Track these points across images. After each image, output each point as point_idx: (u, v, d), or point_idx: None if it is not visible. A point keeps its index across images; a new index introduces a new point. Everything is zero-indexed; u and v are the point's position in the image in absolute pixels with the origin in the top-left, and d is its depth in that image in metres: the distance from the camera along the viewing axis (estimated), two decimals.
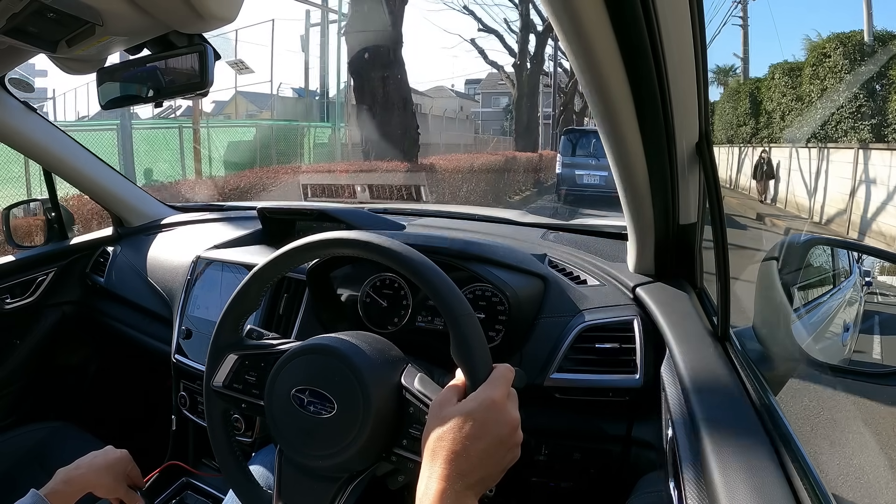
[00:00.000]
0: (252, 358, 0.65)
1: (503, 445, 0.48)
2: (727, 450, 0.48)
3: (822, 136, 7.85)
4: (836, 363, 0.88)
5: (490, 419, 0.48)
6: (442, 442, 0.47)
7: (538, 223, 1.25)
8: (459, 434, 0.46)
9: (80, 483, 0.73)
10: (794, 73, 8.65)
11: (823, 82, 7.81)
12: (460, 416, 0.47)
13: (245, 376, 0.64)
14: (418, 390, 0.56)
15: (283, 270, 0.65)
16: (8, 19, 0.58)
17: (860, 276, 1.27)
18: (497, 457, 0.47)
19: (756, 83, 10.63)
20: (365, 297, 0.93)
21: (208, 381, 0.66)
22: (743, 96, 10.98)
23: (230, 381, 0.65)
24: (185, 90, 0.64)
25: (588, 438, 0.83)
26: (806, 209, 8.28)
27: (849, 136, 7.23)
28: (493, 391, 0.49)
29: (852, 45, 7.36)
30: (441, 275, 0.56)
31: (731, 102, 11.60)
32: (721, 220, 0.65)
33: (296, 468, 0.59)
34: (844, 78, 7.32)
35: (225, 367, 0.65)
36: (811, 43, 8.18)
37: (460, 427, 0.47)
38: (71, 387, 1.48)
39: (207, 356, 0.66)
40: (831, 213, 7.61)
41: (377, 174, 5.27)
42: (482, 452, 0.46)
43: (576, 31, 0.51)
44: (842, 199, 7.24)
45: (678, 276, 0.85)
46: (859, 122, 7.05)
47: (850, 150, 7.14)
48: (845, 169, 7.23)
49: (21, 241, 1.40)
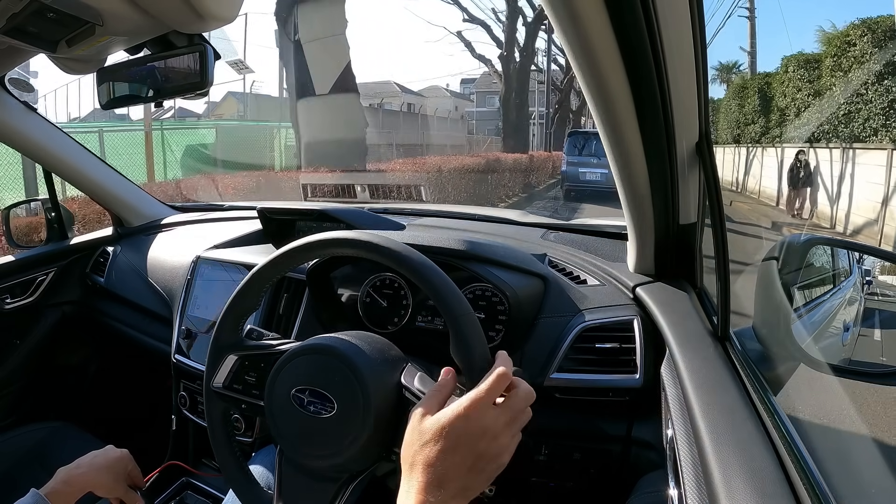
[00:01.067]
0: (252, 358, 0.65)
1: (482, 458, 0.47)
2: (727, 450, 0.47)
3: (846, 135, 6.83)
4: (837, 363, 0.88)
5: (465, 432, 0.47)
6: (419, 455, 0.46)
7: (538, 223, 1.25)
8: (434, 448, 0.46)
9: (80, 483, 0.73)
10: (812, 66, 7.56)
11: (847, 74, 6.85)
12: (436, 429, 0.47)
13: (245, 377, 0.64)
14: (418, 389, 0.56)
15: (283, 271, 0.65)
16: (8, 19, 0.58)
17: (860, 275, 1.27)
18: (477, 468, 0.47)
19: (766, 78, 9.48)
20: (365, 297, 0.93)
21: (208, 381, 0.66)
22: (751, 93, 9.85)
23: (230, 381, 0.65)
24: (185, 90, 0.64)
25: (588, 438, 0.83)
26: (827, 217, 7.00)
27: (879, 136, 6.27)
28: (471, 402, 0.48)
29: (882, 32, 6.33)
30: (440, 274, 0.56)
31: (737, 100, 10.50)
32: (721, 220, 0.65)
33: (296, 468, 0.59)
34: (873, 69, 6.33)
35: (225, 367, 0.65)
36: (827, 35, 7.07)
37: (435, 441, 0.46)
38: (71, 387, 1.48)
39: (207, 357, 0.66)
40: (859, 223, 6.42)
41: (332, 175, 5.02)
42: (459, 465, 0.46)
43: (576, 31, 0.51)
44: (872, 208, 6.14)
45: (678, 276, 0.85)
46: (893, 118, 6.06)
47: (881, 152, 6.13)
48: (876, 173, 6.17)
49: (21, 241, 1.40)
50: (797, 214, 7.44)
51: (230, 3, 0.58)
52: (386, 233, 0.76)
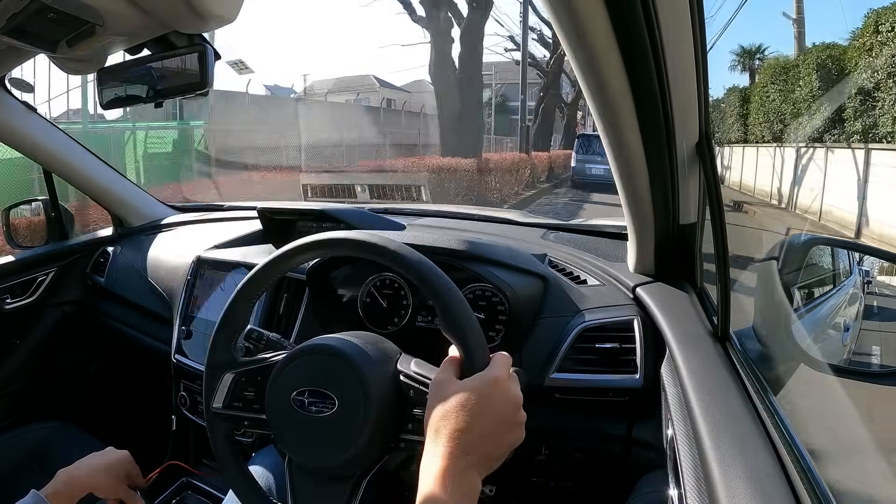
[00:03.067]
0: (248, 374, 0.64)
1: (506, 423, 0.48)
2: (727, 450, 0.48)
3: None
4: (837, 363, 0.88)
5: (494, 395, 0.48)
6: (445, 420, 0.46)
7: (538, 223, 1.25)
8: (463, 411, 0.46)
9: (80, 484, 0.73)
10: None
11: None
12: (464, 393, 0.47)
13: (244, 393, 0.64)
14: (415, 372, 0.57)
15: (267, 285, 0.66)
16: (8, 19, 0.58)
17: (860, 276, 1.27)
18: (501, 435, 0.47)
19: (828, 51, 6.21)
20: (365, 297, 0.93)
21: (208, 404, 0.65)
22: (805, 72, 6.64)
23: (229, 400, 0.65)
24: (185, 90, 0.64)
25: (588, 438, 0.83)
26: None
27: None
28: (495, 370, 0.50)
29: None
30: (439, 273, 0.56)
31: (777, 84, 7.60)
32: (721, 220, 0.65)
33: (307, 473, 0.59)
34: None
35: (223, 387, 0.65)
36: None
37: (464, 404, 0.46)
38: (71, 387, 1.48)
39: (203, 379, 0.65)
40: None
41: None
42: (486, 429, 0.46)
43: (576, 32, 0.51)
44: None
45: (678, 276, 0.85)
46: None
47: None
48: None
49: (21, 241, 1.40)
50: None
51: (230, 3, 0.58)
52: (386, 233, 0.76)
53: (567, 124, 19.02)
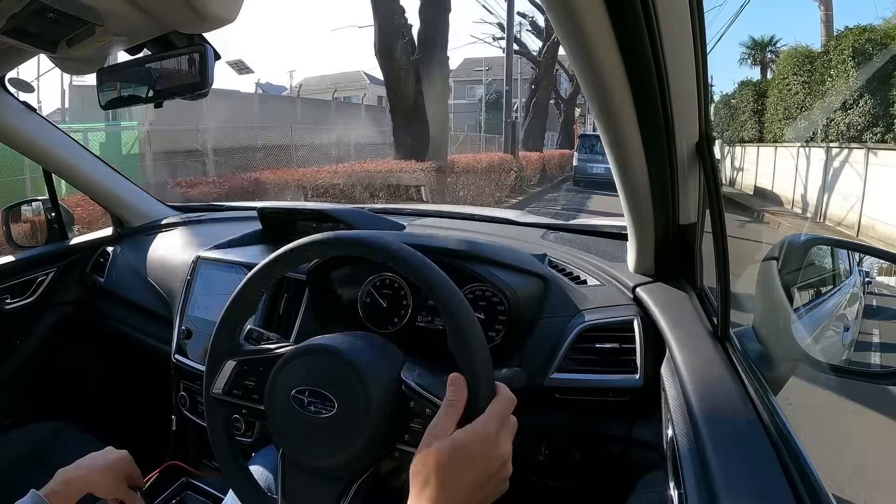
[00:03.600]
0: (251, 363, 0.64)
1: (493, 479, 0.49)
2: (727, 450, 0.48)
3: None
4: (837, 363, 0.88)
5: (483, 453, 0.49)
6: (434, 474, 0.47)
7: (538, 223, 1.25)
8: (452, 467, 0.47)
9: (80, 484, 0.73)
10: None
11: None
12: (455, 450, 0.48)
13: (244, 382, 0.64)
14: (418, 384, 0.56)
15: (277, 274, 0.65)
16: (8, 19, 0.58)
17: (860, 276, 1.27)
18: (486, 490, 0.49)
19: (868, 34, 5.19)
20: (365, 297, 0.93)
21: (208, 388, 0.65)
22: (838, 59, 5.60)
23: (230, 387, 0.65)
24: (185, 90, 0.64)
25: (588, 438, 0.83)
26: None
27: None
28: (489, 425, 0.50)
29: None
30: (442, 276, 0.56)
31: (801, 76, 6.63)
32: (721, 220, 0.65)
33: (300, 471, 0.59)
34: None
35: (224, 373, 0.65)
36: None
37: (453, 460, 0.48)
38: (71, 387, 1.48)
39: (206, 364, 0.65)
40: None
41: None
42: (473, 485, 0.48)
43: (577, 32, 0.51)
44: None
45: (678, 276, 0.85)
46: None
47: None
48: None
49: (21, 241, 1.40)
50: None
51: (230, 3, 0.58)
52: (386, 233, 0.76)
53: (565, 122, 18.26)
